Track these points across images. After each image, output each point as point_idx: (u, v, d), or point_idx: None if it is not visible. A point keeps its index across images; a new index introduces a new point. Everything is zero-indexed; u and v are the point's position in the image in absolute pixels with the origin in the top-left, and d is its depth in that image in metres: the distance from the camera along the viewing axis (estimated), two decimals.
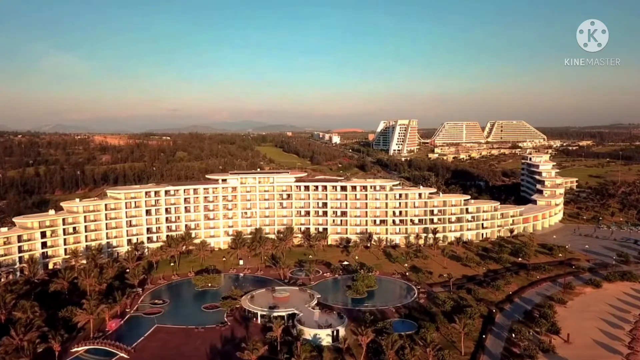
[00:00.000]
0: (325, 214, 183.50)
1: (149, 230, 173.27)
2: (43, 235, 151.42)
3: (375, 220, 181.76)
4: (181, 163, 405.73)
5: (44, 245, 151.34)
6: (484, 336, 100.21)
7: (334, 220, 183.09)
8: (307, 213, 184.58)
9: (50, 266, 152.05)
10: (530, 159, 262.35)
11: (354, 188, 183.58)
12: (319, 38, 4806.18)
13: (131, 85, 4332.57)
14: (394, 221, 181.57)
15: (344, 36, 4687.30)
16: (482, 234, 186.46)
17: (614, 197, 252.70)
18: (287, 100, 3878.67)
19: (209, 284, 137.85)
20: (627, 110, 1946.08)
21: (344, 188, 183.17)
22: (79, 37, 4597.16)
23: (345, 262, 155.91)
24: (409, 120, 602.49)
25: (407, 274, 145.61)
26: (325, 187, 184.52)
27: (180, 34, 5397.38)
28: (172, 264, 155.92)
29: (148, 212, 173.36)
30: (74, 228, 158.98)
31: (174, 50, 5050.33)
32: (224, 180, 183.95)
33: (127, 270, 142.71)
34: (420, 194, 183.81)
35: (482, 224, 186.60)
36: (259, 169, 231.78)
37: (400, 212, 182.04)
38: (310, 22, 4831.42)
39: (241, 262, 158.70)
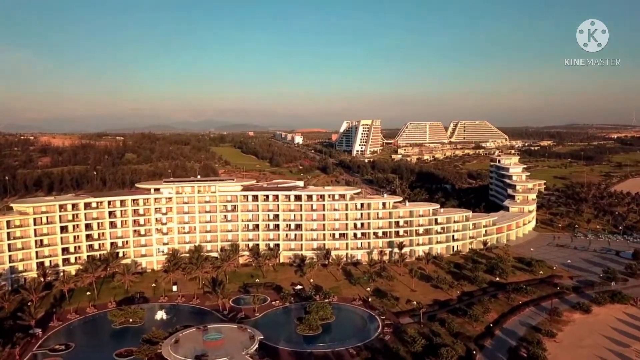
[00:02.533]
0: (276, 227, 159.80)
1: (65, 250, 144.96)
2: None
3: (334, 234, 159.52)
4: (128, 166, 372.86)
5: None
6: None
7: (287, 235, 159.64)
8: (256, 227, 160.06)
9: None
10: (499, 161, 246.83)
11: (309, 197, 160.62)
12: (284, 38, 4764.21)
13: (91, 83, 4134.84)
14: (355, 235, 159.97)
15: (309, 36, 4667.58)
16: (453, 247, 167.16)
17: (586, 202, 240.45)
18: (251, 100, 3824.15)
19: (130, 319, 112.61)
20: (582, 110, 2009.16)
21: (298, 197, 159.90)
22: (34, 33, 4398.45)
23: (299, 286, 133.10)
24: (372, 120, 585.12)
25: (369, 299, 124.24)
26: (276, 197, 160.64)
27: (140, 32, 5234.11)
28: (88, 293, 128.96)
29: (64, 229, 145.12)
30: None
31: (134, 48, 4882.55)
32: (156, 190, 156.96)
33: (31, 302, 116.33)
34: (384, 204, 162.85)
35: (453, 236, 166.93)
36: (198, 176, 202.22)
37: (362, 225, 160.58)
38: (276, 22, 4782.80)
39: (175, 287, 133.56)
